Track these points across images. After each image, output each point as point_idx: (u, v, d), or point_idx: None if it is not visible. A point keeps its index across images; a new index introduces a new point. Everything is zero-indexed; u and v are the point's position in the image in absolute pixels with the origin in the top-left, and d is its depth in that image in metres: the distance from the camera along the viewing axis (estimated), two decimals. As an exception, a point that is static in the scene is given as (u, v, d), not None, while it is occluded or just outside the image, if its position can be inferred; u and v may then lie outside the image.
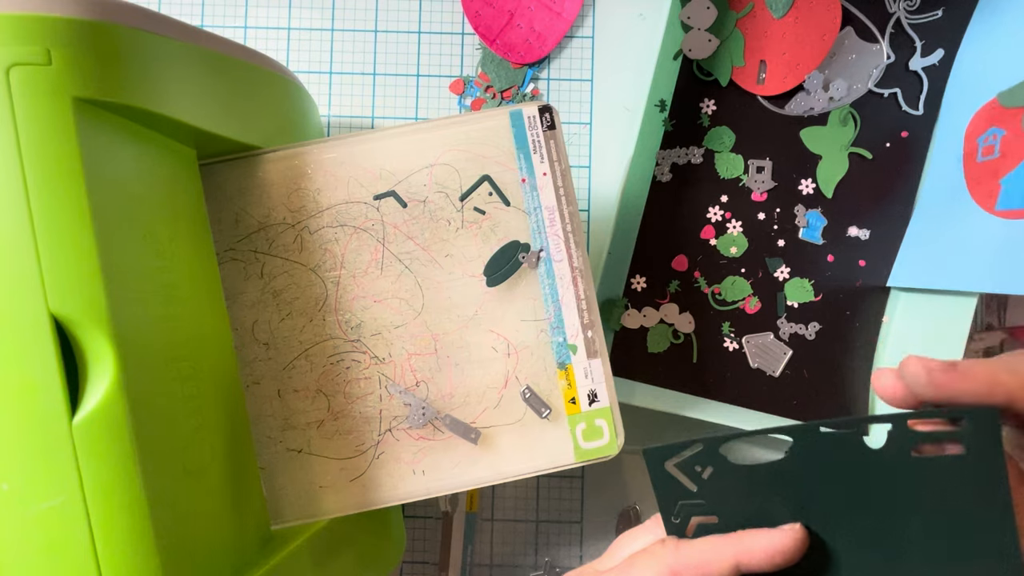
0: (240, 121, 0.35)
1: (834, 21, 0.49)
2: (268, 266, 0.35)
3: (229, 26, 0.53)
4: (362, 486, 0.35)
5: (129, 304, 0.26)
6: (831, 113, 0.50)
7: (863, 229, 0.51)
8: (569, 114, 0.53)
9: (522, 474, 0.35)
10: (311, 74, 0.53)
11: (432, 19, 0.53)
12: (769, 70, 0.49)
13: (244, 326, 0.35)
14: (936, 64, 0.50)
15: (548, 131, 0.36)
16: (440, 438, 0.36)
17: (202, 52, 0.32)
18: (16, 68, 0.24)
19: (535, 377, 0.36)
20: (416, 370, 0.36)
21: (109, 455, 0.25)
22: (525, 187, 0.36)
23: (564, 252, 0.36)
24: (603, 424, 0.36)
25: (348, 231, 0.36)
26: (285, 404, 0.35)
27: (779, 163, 0.50)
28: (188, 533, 0.28)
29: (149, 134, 0.30)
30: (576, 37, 0.53)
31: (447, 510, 0.52)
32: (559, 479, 0.53)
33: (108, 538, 0.24)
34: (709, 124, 0.50)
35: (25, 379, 0.24)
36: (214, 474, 0.31)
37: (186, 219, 0.33)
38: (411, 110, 0.53)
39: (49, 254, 0.24)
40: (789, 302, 0.51)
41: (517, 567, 0.52)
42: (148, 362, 0.27)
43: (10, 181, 0.24)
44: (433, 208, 0.36)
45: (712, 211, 0.51)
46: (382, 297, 0.36)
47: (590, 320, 0.36)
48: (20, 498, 0.24)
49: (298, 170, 0.36)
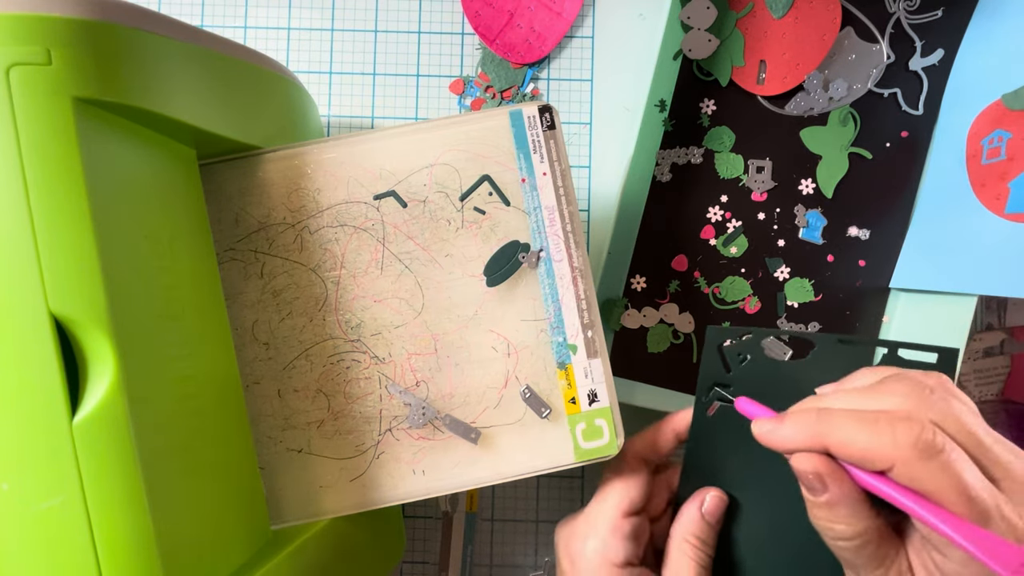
0: (240, 121, 0.35)
1: (834, 21, 0.49)
2: (268, 266, 0.35)
3: (229, 26, 0.53)
4: (362, 486, 0.35)
5: (129, 304, 0.26)
6: (831, 113, 0.50)
7: (863, 229, 0.51)
8: (569, 114, 0.53)
9: (522, 474, 0.35)
10: (311, 74, 0.53)
11: (432, 19, 0.53)
12: (769, 70, 0.49)
13: (244, 326, 0.35)
14: (936, 64, 0.50)
15: (548, 131, 0.36)
16: (440, 438, 0.36)
17: (202, 52, 0.32)
18: (16, 68, 0.24)
19: (535, 377, 0.36)
20: (416, 370, 0.36)
21: (109, 455, 0.25)
22: (525, 187, 0.36)
23: (564, 252, 0.36)
24: (603, 424, 0.36)
25: (348, 231, 0.36)
26: (285, 404, 0.35)
27: (779, 163, 0.50)
28: (188, 533, 0.28)
29: (149, 134, 0.30)
30: (576, 37, 0.53)
31: (447, 510, 0.52)
32: (559, 479, 0.53)
33: (108, 538, 0.24)
34: (709, 124, 0.50)
35: (25, 379, 0.24)
36: (214, 474, 0.31)
37: (186, 219, 0.33)
38: (411, 110, 0.53)
39: (49, 254, 0.24)
40: (789, 302, 0.51)
41: (517, 567, 0.52)
42: (148, 362, 0.27)
43: (10, 181, 0.24)
44: (433, 208, 0.36)
45: (712, 211, 0.51)
46: (382, 297, 0.36)
47: (590, 320, 0.36)
48: (20, 498, 0.24)
49: (298, 170, 0.36)
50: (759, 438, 0.28)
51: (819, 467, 0.26)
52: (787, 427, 0.27)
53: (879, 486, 0.25)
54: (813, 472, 0.26)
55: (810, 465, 0.27)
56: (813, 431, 0.27)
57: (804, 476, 0.27)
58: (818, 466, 0.26)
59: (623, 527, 0.34)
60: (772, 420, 0.28)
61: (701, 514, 0.33)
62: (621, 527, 0.34)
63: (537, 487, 0.53)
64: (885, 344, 0.31)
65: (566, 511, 0.53)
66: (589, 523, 0.35)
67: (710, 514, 0.33)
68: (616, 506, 0.34)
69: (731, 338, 0.32)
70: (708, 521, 0.33)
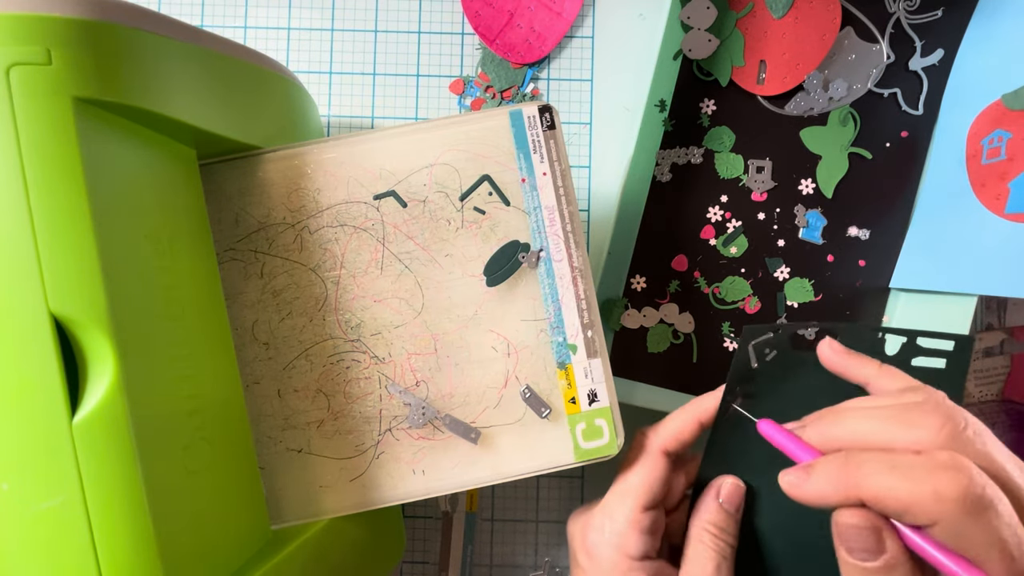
0: (240, 121, 0.35)
1: (834, 21, 0.49)
2: (268, 266, 0.35)
3: (229, 26, 0.53)
4: (362, 486, 0.35)
5: (129, 304, 0.26)
6: (831, 113, 0.50)
7: (863, 229, 0.51)
8: (569, 114, 0.53)
9: (522, 474, 0.35)
10: (311, 74, 0.53)
11: (432, 19, 0.53)
12: (769, 70, 0.49)
13: (244, 326, 0.35)
14: (936, 64, 0.50)
15: (548, 131, 0.36)
16: (440, 438, 0.36)
17: (202, 52, 0.32)
18: (16, 68, 0.24)
19: (535, 377, 0.36)
20: (416, 370, 0.36)
21: (109, 455, 0.25)
22: (525, 187, 0.36)
23: (564, 252, 0.36)
24: (603, 424, 0.36)
25: (348, 231, 0.36)
26: (285, 404, 0.35)
27: (779, 163, 0.50)
28: (188, 533, 0.28)
29: (149, 134, 0.30)
30: (576, 37, 0.53)
31: (447, 510, 0.52)
32: (559, 479, 0.53)
33: (108, 538, 0.24)
34: (709, 124, 0.50)
35: (25, 379, 0.24)
36: (214, 474, 0.31)
37: (186, 219, 0.33)
38: (411, 110, 0.53)
39: (49, 254, 0.24)
40: (789, 302, 0.51)
41: (517, 567, 0.52)
42: (148, 362, 0.27)
43: (10, 181, 0.24)
44: (433, 208, 0.36)
45: (712, 211, 0.51)
46: (382, 297, 0.36)
47: (590, 320, 0.36)
48: (20, 498, 0.24)
49: (298, 170, 0.36)
50: (788, 494, 0.26)
51: (874, 522, 0.23)
52: (817, 479, 0.25)
53: (923, 545, 0.23)
54: (869, 527, 0.23)
55: (863, 520, 0.23)
56: (846, 482, 0.24)
57: (853, 534, 0.24)
58: (873, 521, 0.23)
59: (642, 521, 0.33)
60: (799, 472, 0.26)
61: (718, 502, 0.32)
62: (640, 521, 0.33)
63: (537, 487, 0.53)
64: (904, 333, 0.31)
65: (566, 511, 0.53)
66: (607, 515, 0.34)
67: (728, 501, 0.32)
68: (636, 499, 0.33)
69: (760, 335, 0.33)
70: (727, 509, 0.32)
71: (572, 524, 0.36)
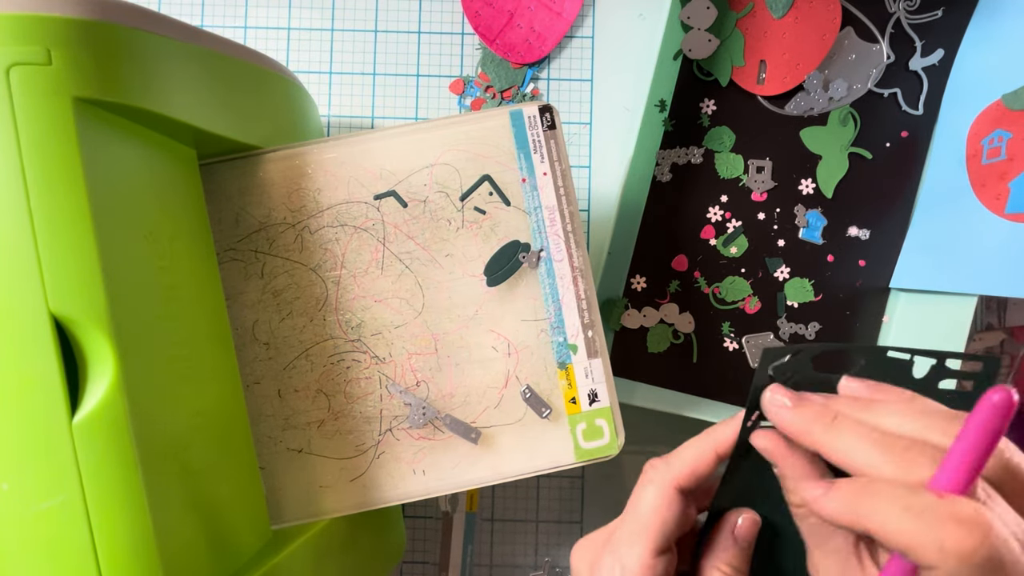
0: (240, 121, 0.35)
1: (834, 21, 0.49)
2: (268, 266, 0.35)
3: (229, 26, 0.53)
4: (362, 486, 0.35)
5: (129, 304, 0.26)
6: (831, 113, 0.50)
7: (863, 229, 0.51)
8: (569, 114, 0.53)
9: (522, 474, 0.35)
10: (311, 74, 0.53)
11: (432, 19, 0.53)
12: (769, 70, 0.49)
13: (244, 326, 0.35)
14: (936, 64, 0.50)
15: (548, 131, 0.36)
16: (440, 438, 0.36)
17: (202, 52, 0.32)
18: (16, 68, 0.24)
19: (535, 377, 0.36)
20: (416, 370, 0.36)
21: (109, 455, 0.25)
22: (525, 187, 0.36)
23: (564, 252, 0.36)
24: (603, 424, 0.36)
25: (348, 231, 0.36)
26: (285, 404, 0.35)
27: (779, 163, 0.50)
28: (188, 533, 0.28)
29: (149, 134, 0.30)
30: (576, 37, 0.53)
31: (447, 510, 0.52)
32: (559, 479, 0.53)
33: (108, 538, 0.24)
34: (709, 124, 0.50)
35: (25, 379, 0.24)
36: (214, 474, 0.31)
37: (186, 219, 0.33)
38: (411, 110, 0.53)
39: (49, 254, 0.24)
40: (789, 302, 0.51)
41: (517, 567, 0.52)
42: (148, 362, 0.27)
43: (10, 181, 0.24)
44: (433, 208, 0.36)
45: (712, 211, 0.51)
46: (382, 297, 0.36)
47: (590, 320, 0.36)
48: (20, 498, 0.24)
49: (298, 170, 0.36)
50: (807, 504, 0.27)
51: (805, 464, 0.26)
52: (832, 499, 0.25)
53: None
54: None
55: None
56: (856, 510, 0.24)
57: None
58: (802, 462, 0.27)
59: (655, 567, 0.31)
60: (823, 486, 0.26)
61: (734, 539, 0.31)
62: (653, 567, 0.31)
63: (537, 487, 0.53)
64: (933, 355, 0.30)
65: (566, 511, 0.53)
66: (617, 559, 0.32)
67: (742, 537, 0.31)
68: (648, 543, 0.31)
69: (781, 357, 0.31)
70: (740, 545, 0.31)
71: (577, 559, 0.34)
